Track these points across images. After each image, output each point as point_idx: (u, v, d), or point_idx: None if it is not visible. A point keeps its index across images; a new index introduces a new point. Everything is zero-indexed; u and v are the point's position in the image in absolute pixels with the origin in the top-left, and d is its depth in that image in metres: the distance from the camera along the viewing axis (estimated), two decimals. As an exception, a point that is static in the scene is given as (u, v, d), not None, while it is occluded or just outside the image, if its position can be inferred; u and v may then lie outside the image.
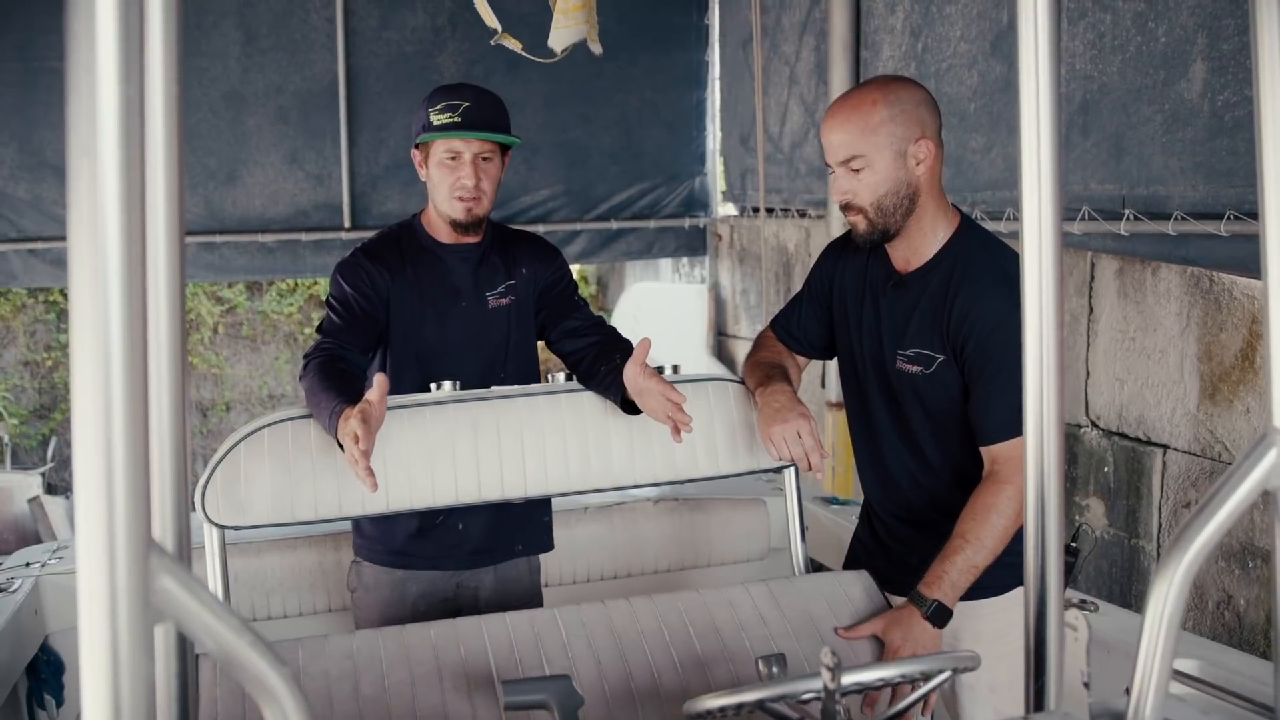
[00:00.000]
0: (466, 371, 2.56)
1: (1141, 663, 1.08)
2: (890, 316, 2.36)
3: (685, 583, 3.33)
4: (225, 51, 6.23)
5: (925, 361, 2.29)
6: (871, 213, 2.25)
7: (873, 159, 2.21)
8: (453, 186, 2.56)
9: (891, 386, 2.37)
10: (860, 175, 2.22)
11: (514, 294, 2.68)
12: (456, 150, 2.55)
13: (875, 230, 2.27)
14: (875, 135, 2.20)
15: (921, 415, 2.33)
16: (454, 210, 2.57)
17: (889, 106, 2.21)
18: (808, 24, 5.79)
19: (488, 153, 2.57)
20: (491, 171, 2.59)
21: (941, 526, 2.29)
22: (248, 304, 9.42)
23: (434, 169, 2.58)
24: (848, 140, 2.22)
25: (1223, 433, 3.47)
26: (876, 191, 2.23)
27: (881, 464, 2.43)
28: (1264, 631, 3.33)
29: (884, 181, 2.22)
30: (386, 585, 2.62)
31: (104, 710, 0.72)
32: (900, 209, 2.25)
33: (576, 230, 6.78)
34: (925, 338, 2.29)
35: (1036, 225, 1.11)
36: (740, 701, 1.68)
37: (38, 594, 2.87)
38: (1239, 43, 3.20)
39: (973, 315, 2.20)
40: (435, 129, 2.54)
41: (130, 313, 0.72)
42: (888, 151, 2.20)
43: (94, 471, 0.72)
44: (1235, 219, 3.19)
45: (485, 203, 2.59)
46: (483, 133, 2.54)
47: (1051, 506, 1.15)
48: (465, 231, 2.62)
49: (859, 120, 2.21)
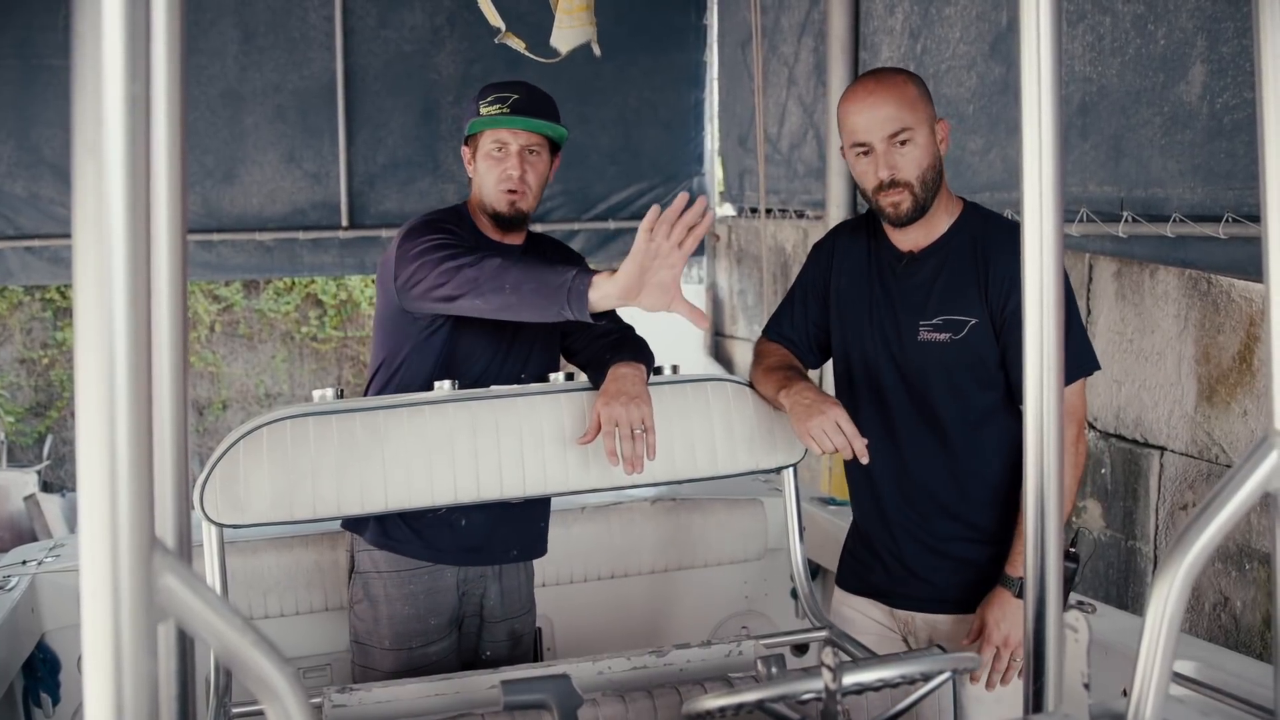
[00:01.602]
0: (490, 369, 2.56)
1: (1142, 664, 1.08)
2: (907, 292, 2.36)
3: (683, 583, 3.34)
4: (223, 50, 6.23)
5: (955, 327, 2.29)
6: (918, 187, 2.26)
7: (918, 132, 2.24)
8: (499, 178, 2.54)
9: (907, 371, 2.35)
10: (906, 149, 2.24)
11: None
12: (504, 141, 2.54)
13: (918, 206, 2.28)
14: (916, 110, 2.24)
15: (945, 388, 2.32)
16: (499, 202, 2.55)
17: (916, 86, 2.28)
18: (806, 25, 5.79)
19: (535, 146, 2.56)
20: (538, 166, 2.58)
21: (964, 528, 2.31)
22: (245, 302, 9.41)
23: (480, 161, 2.57)
24: (896, 114, 2.23)
25: (1220, 435, 3.47)
26: (922, 164, 2.26)
27: (902, 463, 2.39)
28: (1260, 634, 3.34)
29: (926, 155, 2.26)
30: (398, 599, 2.59)
31: (106, 708, 0.72)
32: (936, 184, 2.29)
33: (574, 230, 6.79)
34: (956, 303, 2.30)
35: (1038, 226, 1.11)
36: (740, 702, 1.68)
37: (34, 592, 2.86)
38: (1238, 45, 3.20)
39: (1014, 271, 2.21)
40: (483, 118, 2.54)
41: (134, 311, 0.72)
42: (926, 126, 2.26)
43: (97, 469, 0.72)
44: (1234, 221, 3.19)
45: (530, 198, 2.58)
46: (530, 120, 2.53)
47: (1051, 509, 1.16)
48: (508, 227, 2.60)
49: (898, 95, 2.24)
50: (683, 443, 2.48)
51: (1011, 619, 2.23)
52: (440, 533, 2.60)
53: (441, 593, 2.62)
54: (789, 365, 2.50)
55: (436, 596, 2.61)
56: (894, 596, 2.45)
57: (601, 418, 2.35)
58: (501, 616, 2.72)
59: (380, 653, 2.60)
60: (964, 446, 2.33)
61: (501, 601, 2.71)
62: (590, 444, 2.40)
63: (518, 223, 2.61)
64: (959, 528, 2.35)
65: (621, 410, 2.34)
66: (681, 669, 2.25)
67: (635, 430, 2.34)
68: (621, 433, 2.33)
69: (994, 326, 2.28)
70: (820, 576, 3.22)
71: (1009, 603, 2.24)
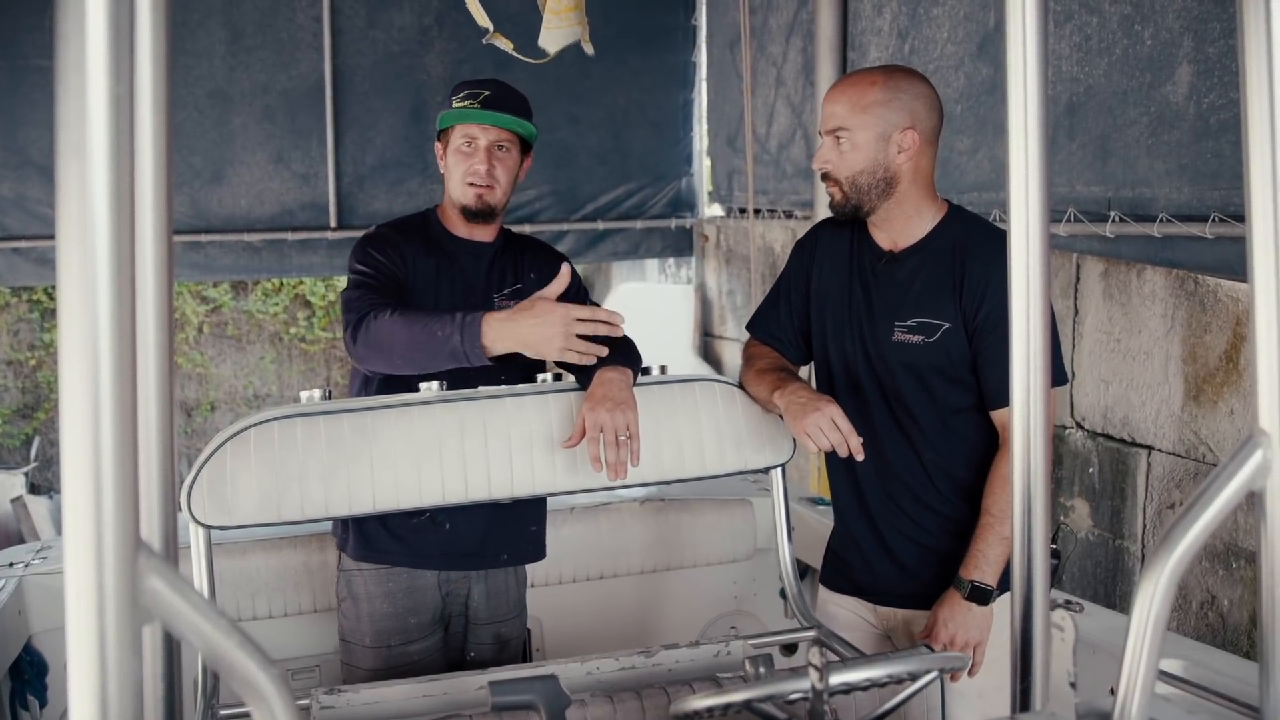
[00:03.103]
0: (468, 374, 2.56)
1: (1128, 663, 1.09)
2: (885, 291, 2.37)
3: (672, 583, 3.34)
4: (211, 50, 6.21)
5: (928, 330, 2.31)
6: (846, 186, 2.32)
7: (856, 136, 2.27)
8: (466, 172, 2.57)
9: (881, 370, 2.37)
10: (841, 148, 2.29)
11: (521, 298, 2.67)
12: (472, 136, 2.56)
13: (849, 203, 2.34)
14: (864, 114, 2.27)
15: (917, 388, 2.34)
16: (465, 196, 2.58)
17: (885, 91, 2.27)
18: (795, 25, 5.80)
19: (504, 141, 2.58)
20: (507, 162, 2.60)
21: (945, 521, 2.34)
22: (233, 303, 9.39)
23: (450, 156, 2.60)
24: (839, 112, 2.29)
25: (1207, 434, 3.48)
26: (853, 167, 2.29)
27: (880, 459, 2.40)
28: (1247, 632, 3.35)
29: (862, 159, 2.28)
30: (378, 597, 2.60)
31: (92, 711, 0.72)
32: (875, 190, 2.31)
33: (563, 230, 6.78)
34: (930, 306, 2.31)
35: (1024, 226, 1.12)
36: (728, 702, 1.68)
37: (21, 594, 2.85)
38: (1224, 46, 3.21)
39: (988, 279, 2.25)
40: (452, 111, 2.56)
41: (119, 312, 0.72)
42: (871, 132, 2.27)
43: (82, 471, 0.72)
44: (1220, 221, 3.21)
45: (498, 193, 2.60)
46: (498, 115, 2.55)
47: (1038, 508, 1.16)
48: (476, 220, 2.62)
49: (854, 96, 2.28)
50: (671, 443, 2.48)
51: (959, 620, 2.25)
52: (425, 539, 2.60)
53: (422, 592, 2.62)
54: (781, 367, 2.51)
55: (416, 595, 2.61)
56: (878, 593, 2.46)
57: (586, 423, 2.35)
58: (487, 619, 2.71)
59: (362, 650, 2.60)
60: (936, 444, 2.36)
61: (487, 604, 2.70)
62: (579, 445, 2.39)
63: (486, 217, 2.63)
64: (939, 521, 2.37)
65: (606, 416, 2.34)
66: (670, 669, 2.25)
67: (620, 436, 2.34)
68: (606, 439, 2.33)
69: (967, 332, 2.30)
70: (809, 576, 3.22)
71: (958, 604, 2.25)
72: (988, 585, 2.24)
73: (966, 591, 2.24)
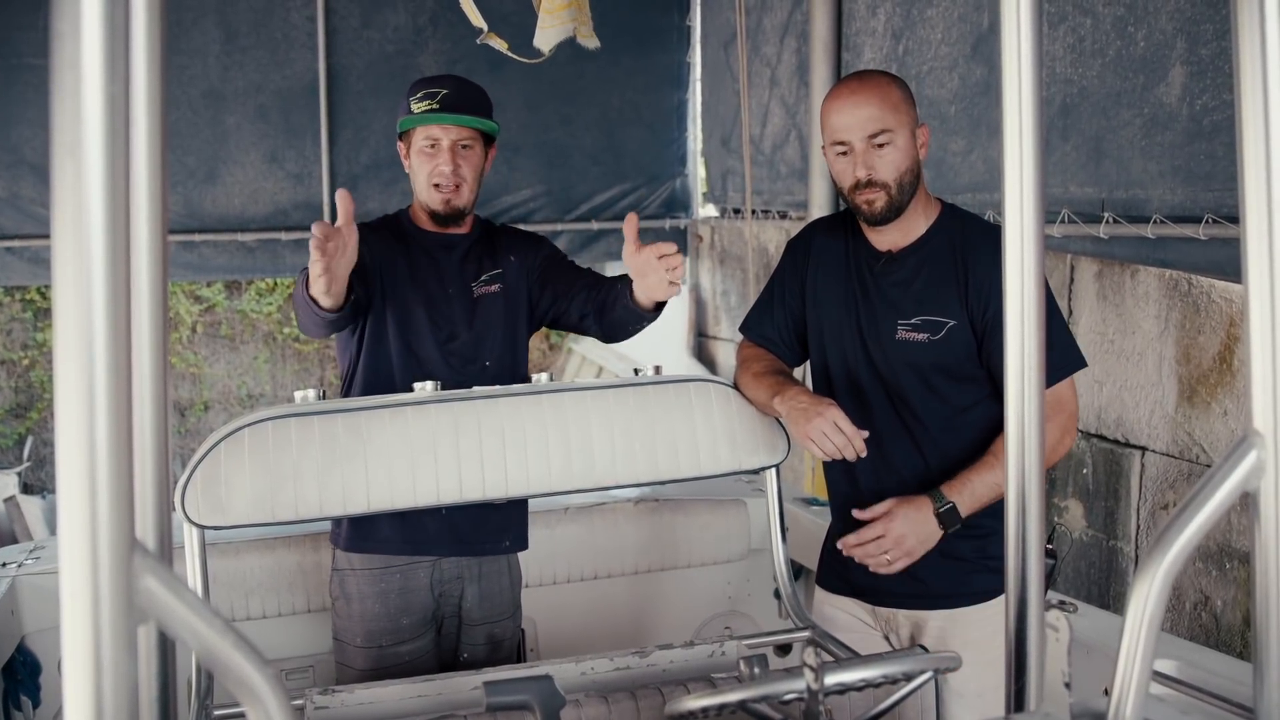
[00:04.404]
0: (450, 356, 2.57)
1: (1122, 664, 1.09)
2: (886, 291, 2.37)
3: (666, 584, 3.34)
4: (205, 49, 6.20)
5: (934, 328, 2.31)
6: (894, 189, 2.29)
7: (898, 135, 2.26)
8: (430, 174, 2.57)
9: (884, 370, 2.36)
10: (884, 151, 2.26)
11: (502, 282, 2.69)
12: (435, 137, 2.56)
13: (893, 207, 2.30)
14: (898, 112, 2.27)
15: (921, 387, 2.33)
16: (432, 200, 2.59)
17: (900, 90, 2.30)
18: (789, 26, 5.80)
19: (467, 140, 2.58)
20: (472, 160, 2.60)
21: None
22: (226, 303, 9.38)
23: (414, 158, 2.61)
24: (878, 114, 2.26)
25: (1200, 435, 3.49)
26: (899, 167, 2.28)
27: (881, 459, 2.39)
28: (1241, 633, 3.35)
29: (904, 159, 2.28)
30: (370, 597, 2.60)
31: (86, 711, 0.72)
32: (912, 187, 2.31)
33: (557, 231, 6.78)
34: (935, 304, 2.31)
35: (1019, 227, 1.12)
36: (723, 702, 1.68)
37: (14, 594, 2.84)
38: (1218, 47, 3.22)
39: (993, 276, 2.24)
40: (413, 115, 2.55)
41: (114, 311, 0.72)
42: (907, 130, 2.28)
43: (77, 470, 0.71)
44: (1213, 222, 3.21)
45: (465, 193, 2.60)
46: (460, 115, 2.54)
47: (1032, 507, 1.16)
48: (446, 224, 2.64)
49: (885, 96, 2.27)
50: (665, 443, 2.48)
51: (916, 527, 2.23)
52: (422, 521, 2.60)
53: (414, 592, 2.62)
54: (777, 370, 2.51)
55: (409, 595, 2.61)
56: (876, 594, 2.45)
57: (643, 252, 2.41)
58: (480, 619, 2.71)
59: (354, 650, 2.61)
60: (941, 442, 2.35)
61: (480, 604, 2.70)
62: (573, 445, 2.40)
63: (455, 220, 2.64)
64: None
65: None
66: (664, 669, 2.25)
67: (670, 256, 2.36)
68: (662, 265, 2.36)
69: (974, 330, 2.30)
70: (803, 577, 3.22)
71: (924, 511, 2.24)
72: (959, 513, 2.24)
73: (941, 507, 2.23)
